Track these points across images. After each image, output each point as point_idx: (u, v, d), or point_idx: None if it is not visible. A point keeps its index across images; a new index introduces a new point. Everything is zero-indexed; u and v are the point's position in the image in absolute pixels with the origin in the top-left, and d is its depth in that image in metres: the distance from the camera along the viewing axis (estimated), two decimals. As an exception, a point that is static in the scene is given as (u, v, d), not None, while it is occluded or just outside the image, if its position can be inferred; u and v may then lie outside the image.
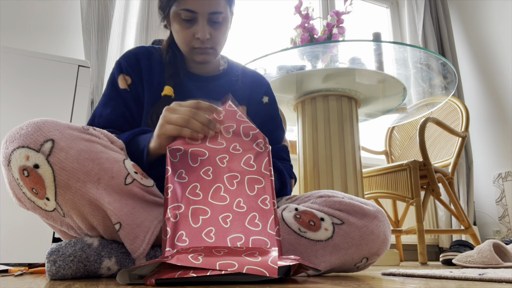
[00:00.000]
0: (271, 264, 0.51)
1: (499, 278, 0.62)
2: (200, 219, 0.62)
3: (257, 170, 0.67)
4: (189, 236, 0.60)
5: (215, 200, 0.64)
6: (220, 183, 0.65)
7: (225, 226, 0.62)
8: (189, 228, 0.60)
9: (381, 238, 0.76)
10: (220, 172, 0.67)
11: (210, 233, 0.60)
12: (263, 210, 0.64)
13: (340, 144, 1.61)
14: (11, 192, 0.67)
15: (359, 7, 3.00)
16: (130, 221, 0.66)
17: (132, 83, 0.93)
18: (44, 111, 1.33)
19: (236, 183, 0.66)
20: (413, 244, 2.47)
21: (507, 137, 2.65)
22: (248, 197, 0.65)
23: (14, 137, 0.63)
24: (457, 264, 1.40)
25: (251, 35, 2.55)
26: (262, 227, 0.63)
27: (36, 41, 1.83)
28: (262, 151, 0.69)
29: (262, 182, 0.67)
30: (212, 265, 0.50)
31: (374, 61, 1.71)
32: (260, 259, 0.53)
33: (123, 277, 0.54)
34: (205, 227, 0.61)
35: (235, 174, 0.67)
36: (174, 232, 0.60)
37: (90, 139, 0.67)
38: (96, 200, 0.64)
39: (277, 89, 1.75)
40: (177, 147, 0.68)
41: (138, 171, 0.71)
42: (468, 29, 3.01)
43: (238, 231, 0.61)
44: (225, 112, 0.74)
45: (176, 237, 0.59)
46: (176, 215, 0.61)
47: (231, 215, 0.63)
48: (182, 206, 0.62)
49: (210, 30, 0.86)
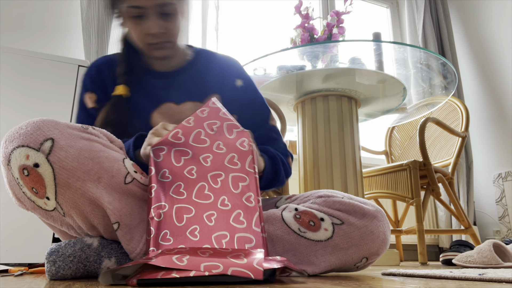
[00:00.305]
0: (257, 266, 0.51)
1: (499, 278, 0.62)
2: (184, 217, 0.62)
3: (241, 168, 0.67)
4: (173, 235, 0.60)
5: (199, 199, 0.64)
6: (204, 182, 0.66)
7: (210, 224, 0.62)
8: (173, 227, 0.61)
9: (380, 238, 0.76)
10: (204, 171, 0.67)
11: (194, 232, 0.60)
12: (248, 207, 0.64)
13: (340, 144, 1.61)
14: (11, 192, 0.67)
15: (359, 7, 3.00)
16: (128, 222, 0.66)
17: (98, 99, 0.91)
18: (44, 111, 1.33)
19: (220, 181, 0.66)
20: (413, 244, 2.47)
21: (507, 137, 2.65)
22: (233, 195, 0.65)
23: (13, 137, 0.63)
24: (457, 264, 1.40)
25: (251, 35, 2.55)
26: (247, 224, 0.62)
27: (36, 41, 1.83)
28: (246, 150, 0.70)
29: (246, 180, 0.67)
30: (197, 267, 0.51)
31: (374, 61, 1.71)
32: (245, 260, 0.53)
33: (106, 277, 0.54)
34: (190, 225, 0.61)
35: (219, 173, 0.67)
36: (158, 232, 0.60)
37: (90, 138, 0.67)
38: (96, 199, 0.64)
39: (277, 89, 1.75)
40: (160, 147, 0.68)
41: (138, 171, 0.71)
42: (468, 29, 3.01)
43: (223, 229, 0.61)
44: (209, 109, 0.74)
45: (160, 236, 0.59)
46: (160, 214, 0.61)
47: (216, 213, 0.63)
48: (166, 205, 0.63)
49: (162, 23, 0.82)
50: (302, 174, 1.67)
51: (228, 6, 2.46)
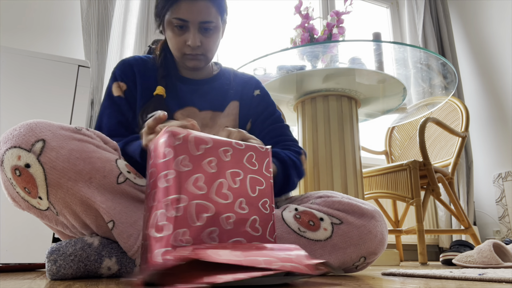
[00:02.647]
0: (308, 262, 0.49)
1: (499, 278, 0.62)
2: (204, 217, 0.55)
3: (258, 170, 0.63)
4: (192, 235, 0.53)
5: (219, 197, 0.57)
6: (224, 178, 0.59)
7: (228, 227, 0.57)
8: (193, 226, 0.54)
9: (378, 237, 0.77)
10: (223, 165, 0.60)
11: (213, 234, 0.55)
12: (264, 214, 0.60)
13: (340, 144, 1.61)
14: (6, 193, 0.68)
15: (359, 7, 3.00)
16: (124, 220, 0.67)
17: (127, 89, 0.95)
18: (44, 111, 1.33)
19: (239, 181, 0.60)
20: (413, 244, 2.47)
21: (507, 137, 2.65)
22: (250, 198, 0.60)
23: (7, 138, 0.65)
24: (457, 264, 1.40)
25: (251, 35, 2.55)
26: (262, 232, 0.59)
27: (36, 41, 1.83)
28: (263, 151, 0.65)
29: (263, 184, 0.63)
30: (255, 262, 0.45)
31: (374, 61, 1.71)
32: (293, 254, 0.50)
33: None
34: (209, 226, 0.55)
35: (238, 171, 0.61)
36: (176, 228, 0.52)
37: (82, 139, 0.68)
38: (88, 199, 0.65)
39: (277, 89, 1.75)
40: (178, 131, 0.59)
41: (132, 171, 0.72)
42: (468, 29, 3.01)
43: (239, 235, 0.57)
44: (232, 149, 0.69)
45: (179, 234, 0.52)
46: (178, 209, 0.53)
47: (234, 216, 0.58)
48: (185, 198, 0.54)
49: (201, 37, 0.89)
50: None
51: (228, 6, 2.46)
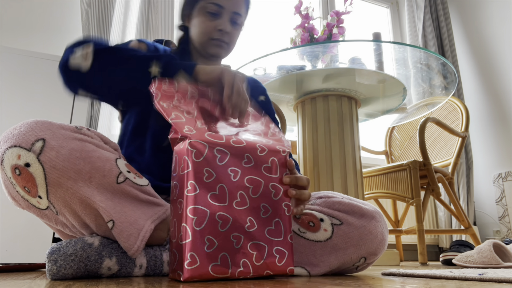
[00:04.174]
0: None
1: (499, 278, 0.62)
2: (227, 226, 0.59)
3: (279, 178, 0.66)
4: (219, 241, 0.58)
5: (238, 206, 0.61)
6: (243, 191, 0.63)
7: (249, 230, 0.61)
8: (217, 233, 0.58)
9: (378, 238, 0.77)
10: (243, 174, 0.63)
11: (235, 239, 0.60)
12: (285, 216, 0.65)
13: (340, 144, 1.61)
14: (6, 192, 0.68)
15: (359, 7, 3.00)
16: (123, 219, 0.67)
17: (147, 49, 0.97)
18: (44, 111, 1.33)
19: (259, 192, 0.64)
20: (413, 244, 2.47)
21: (507, 137, 2.65)
22: (272, 202, 0.65)
23: (7, 137, 0.65)
24: (457, 264, 1.40)
25: (251, 35, 2.55)
26: (284, 236, 0.64)
27: (36, 41, 1.83)
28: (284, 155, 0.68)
29: (280, 190, 0.66)
30: None
31: (374, 61, 1.71)
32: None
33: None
34: (231, 233, 0.60)
35: (259, 180, 0.64)
36: (199, 241, 0.56)
37: (82, 139, 0.68)
38: (87, 198, 0.65)
39: (277, 89, 1.75)
40: (201, 143, 0.60)
41: (132, 171, 0.72)
42: (468, 29, 3.01)
43: (261, 239, 0.62)
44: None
45: (203, 247, 0.57)
46: (201, 223, 0.57)
47: (255, 221, 0.62)
48: (207, 211, 0.58)
49: (230, 26, 0.94)
50: (302, 174, 1.67)
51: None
